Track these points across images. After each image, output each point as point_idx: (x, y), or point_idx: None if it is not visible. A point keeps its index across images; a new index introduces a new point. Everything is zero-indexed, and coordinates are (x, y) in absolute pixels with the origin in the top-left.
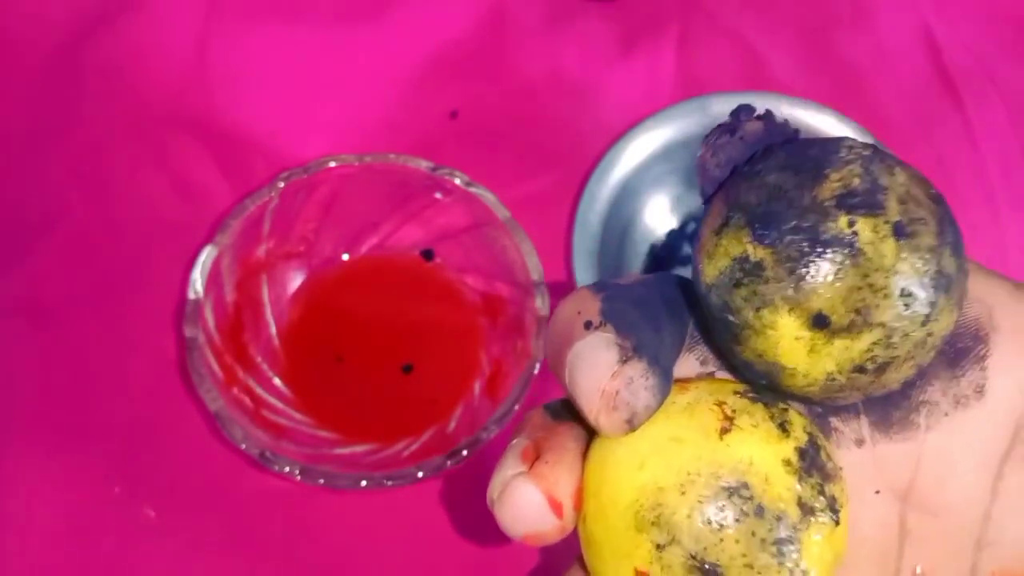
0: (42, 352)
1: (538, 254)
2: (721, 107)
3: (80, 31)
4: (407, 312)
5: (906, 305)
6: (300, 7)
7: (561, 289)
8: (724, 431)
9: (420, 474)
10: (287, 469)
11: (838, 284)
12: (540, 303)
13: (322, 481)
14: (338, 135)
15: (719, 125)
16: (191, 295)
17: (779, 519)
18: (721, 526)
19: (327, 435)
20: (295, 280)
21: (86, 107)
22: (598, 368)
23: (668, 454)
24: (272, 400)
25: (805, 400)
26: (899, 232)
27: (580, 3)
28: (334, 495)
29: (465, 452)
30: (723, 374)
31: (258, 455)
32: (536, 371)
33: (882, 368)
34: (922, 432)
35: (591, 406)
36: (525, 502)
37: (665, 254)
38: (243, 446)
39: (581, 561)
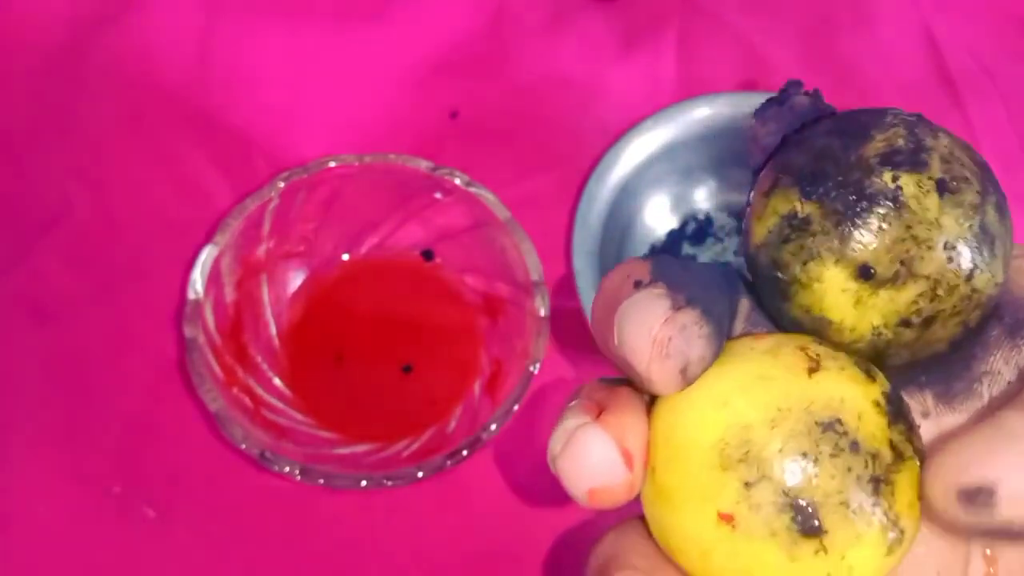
0: (42, 351)
1: (538, 254)
2: (721, 107)
3: (81, 30)
4: (407, 312)
5: (949, 258)
6: (301, 7)
7: (561, 289)
8: (812, 370)
9: (420, 474)
10: (287, 469)
11: (882, 236)
12: (540, 303)
13: (322, 481)
14: (338, 135)
15: (769, 98)
16: (191, 295)
17: (874, 457)
18: (816, 460)
19: (327, 435)
20: (295, 280)
21: (87, 106)
22: (649, 317)
23: (755, 391)
24: (272, 400)
25: None
26: (942, 188)
27: (580, 3)
28: (334, 495)
29: (465, 452)
30: None
31: (258, 455)
32: (536, 371)
33: (927, 322)
34: (984, 402)
35: (641, 356)
36: (595, 452)
37: (665, 254)
38: (243, 446)
39: (636, 520)
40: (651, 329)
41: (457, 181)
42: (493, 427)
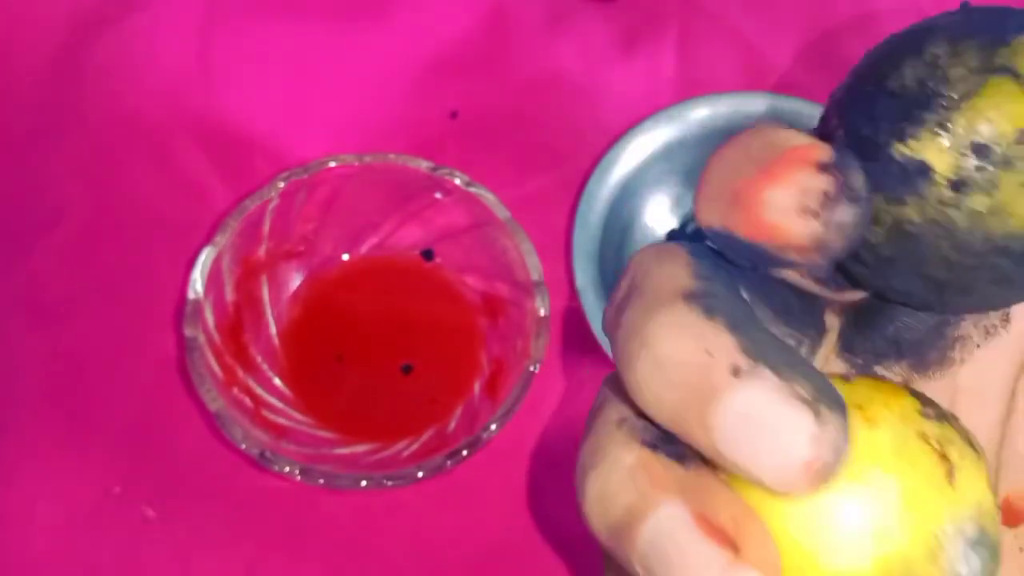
0: (42, 351)
1: (538, 254)
2: (721, 107)
3: (81, 31)
4: (407, 312)
5: None
6: (300, 7)
7: (561, 289)
8: (949, 474)
9: (420, 474)
10: (287, 469)
11: None
12: (540, 303)
13: (322, 481)
14: (338, 135)
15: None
16: (191, 295)
17: (998, 554)
18: None
19: (327, 435)
20: (295, 280)
21: (86, 107)
22: (792, 437)
23: (908, 518)
24: (272, 400)
25: None
26: None
27: (580, 3)
28: (334, 495)
29: (465, 452)
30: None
31: (258, 455)
32: (536, 371)
33: None
34: (957, 367)
35: (786, 480)
36: None
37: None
38: (243, 446)
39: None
40: (798, 454)
41: (457, 181)
42: (493, 427)
